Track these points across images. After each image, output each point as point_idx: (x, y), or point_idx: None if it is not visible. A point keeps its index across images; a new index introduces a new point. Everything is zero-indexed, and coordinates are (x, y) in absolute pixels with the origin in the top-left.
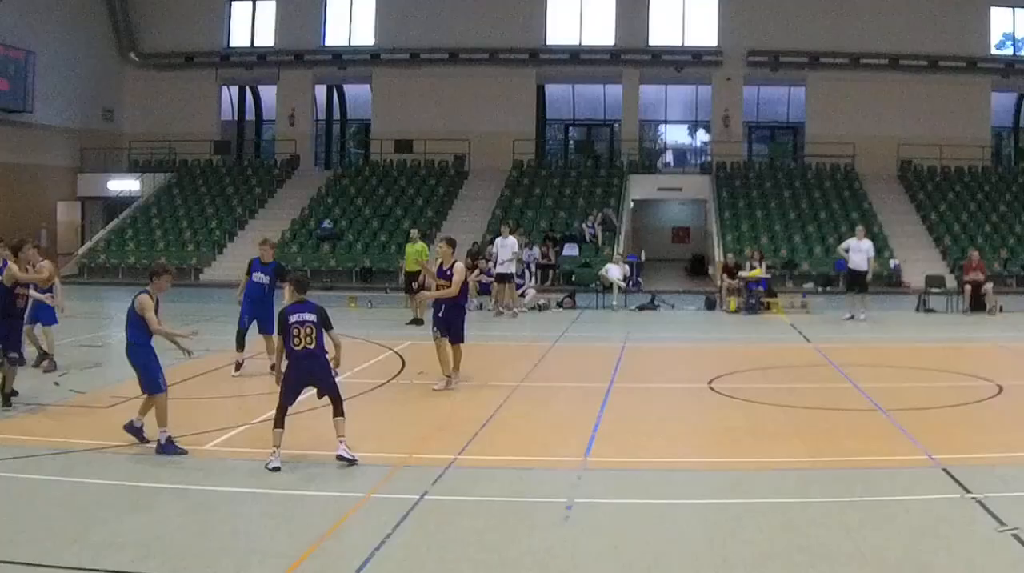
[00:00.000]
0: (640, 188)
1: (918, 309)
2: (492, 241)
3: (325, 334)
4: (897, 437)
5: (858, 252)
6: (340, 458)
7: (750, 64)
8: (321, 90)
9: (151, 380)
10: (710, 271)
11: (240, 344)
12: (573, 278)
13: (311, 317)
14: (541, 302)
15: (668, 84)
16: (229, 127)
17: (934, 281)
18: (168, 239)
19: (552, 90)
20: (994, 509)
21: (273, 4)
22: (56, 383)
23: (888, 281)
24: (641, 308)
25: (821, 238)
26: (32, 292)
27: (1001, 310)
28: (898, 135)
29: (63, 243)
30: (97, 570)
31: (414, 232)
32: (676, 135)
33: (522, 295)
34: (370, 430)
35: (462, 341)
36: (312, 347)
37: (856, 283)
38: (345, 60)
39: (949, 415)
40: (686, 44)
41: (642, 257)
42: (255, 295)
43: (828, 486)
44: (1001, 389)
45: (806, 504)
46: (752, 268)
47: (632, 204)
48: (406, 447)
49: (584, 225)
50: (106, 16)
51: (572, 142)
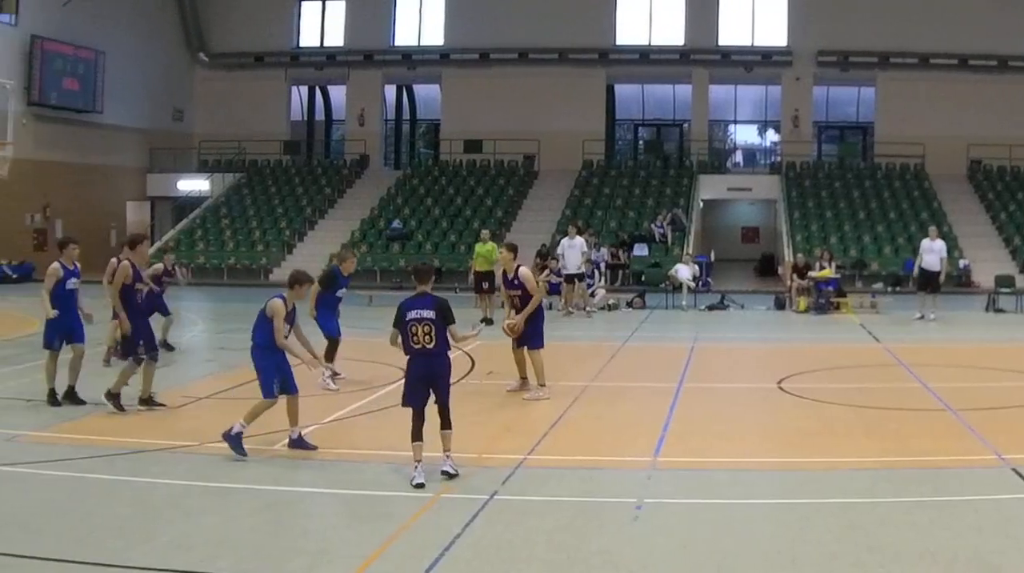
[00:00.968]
0: (709, 188)
1: (987, 309)
2: (559, 242)
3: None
4: (966, 437)
5: (931, 252)
6: (445, 473)
7: (820, 64)
8: (391, 90)
9: (263, 384)
10: (779, 271)
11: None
12: (643, 278)
13: (429, 313)
14: (611, 302)
15: (738, 84)
16: (299, 127)
17: (1004, 281)
18: (238, 239)
19: (622, 90)
20: None
21: (343, 4)
22: (127, 383)
23: (957, 281)
24: (710, 308)
25: (890, 238)
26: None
27: None
28: (967, 135)
29: None
30: (167, 570)
31: (484, 232)
32: (746, 135)
33: (592, 295)
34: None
35: (540, 347)
36: (431, 346)
37: (928, 283)
38: (415, 60)
39: (1019, 415)
40: (755, 44)
41: (711, 257)
42: (335, 305)
43: (897, 486)
44: None
45: (875, 504)
46: (822, 268)
47: (701, 204)
48: (476, 447)
49: (653, 225)
50: (176, 16)
51: (641, 142)
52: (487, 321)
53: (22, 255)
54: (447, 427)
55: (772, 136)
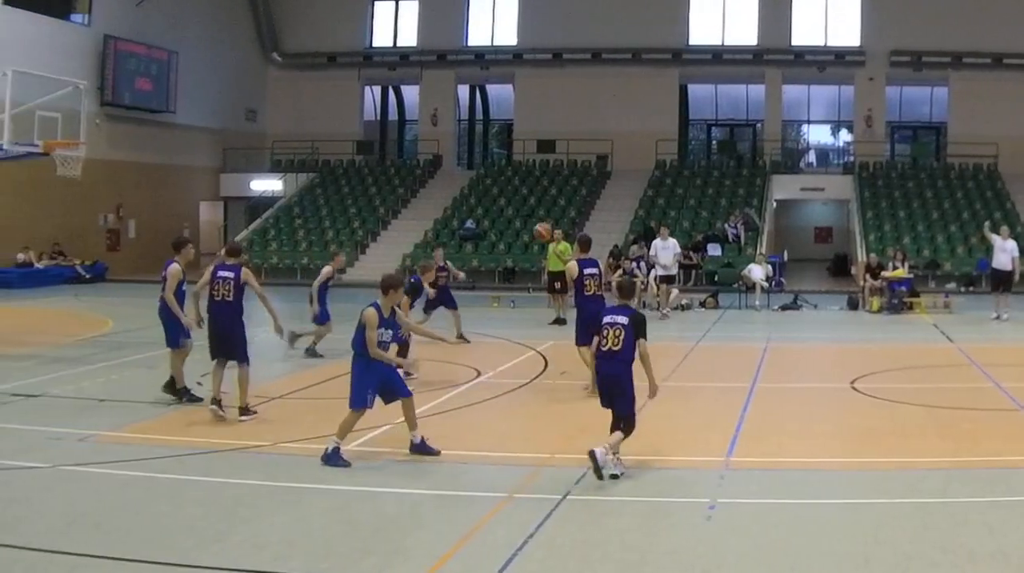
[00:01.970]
0: (783, 188)
1: None
2: (634, 241)
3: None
4: None
5: (1003, 251)
6: (612, 477)
7: (893, 64)
8: (464, 90)
9: (354, 394)
10: (853, 271)
11: None
12: (716, 278)
13: (623, 319)
14: (684, 302)
15: (811, 84)
16: (372, 127)
17: None
18: (311, 239)
19: (695, 90)
20: None
21: (416, 4)
22: (199, 383)
23: None
24: (784, 308)
25: (963, 238)
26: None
27: None
28: None
29: (205, 243)
30: (239, 570)
31: (557, 232)
32: (819, 135)
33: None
34: (513, 430)
35: (586, 344)
36: (617, 349)
37: (1001, 283)
38: (488, 60)
39: None
40: (828, 44)
41: (784, 257)
42: None
43: (970, 486)
44: None
45: (948, 504)
46: (895, 268)
47: (775, 204)
48: (549, 447)
49: (726, 225)
50: (249, 17)
51: (715, 142)
52: (560, 321)
53: (95, 255)
54: (618, 429)
55: (845, 136)
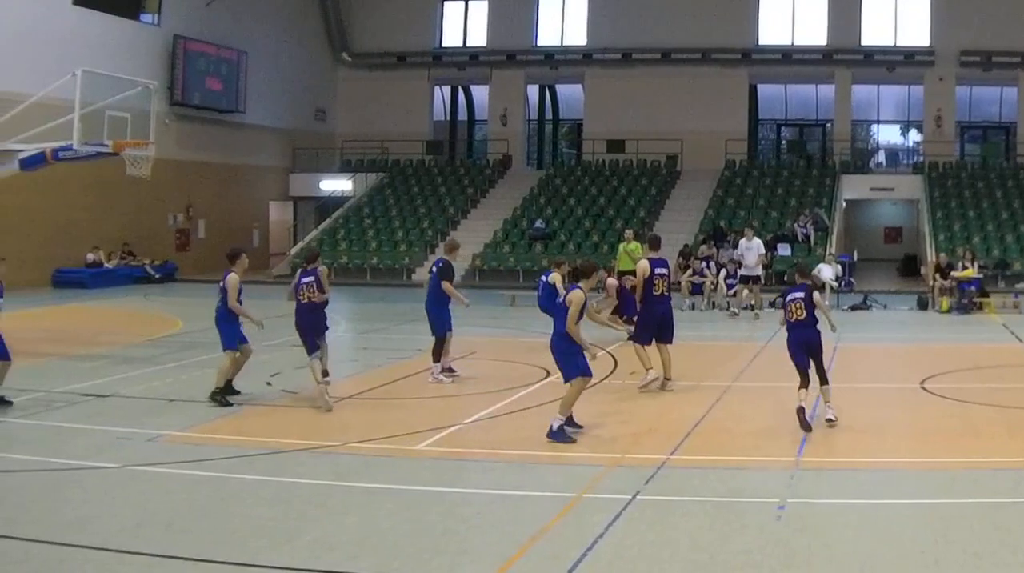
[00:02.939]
0: (852, 188)
1: None
2: (703, 241)
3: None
4: None
5: None
6: (828, 420)
7: (962, 64)
8: (533, 90)
9: (569, 370)
10: (922, 271)
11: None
12: (785, 278)
13: (800, 294)
14: (753, 302)
15: (880, 84)
16: (441, 127)
17: None
18: (380, 239)
19: (764, 90)
20: None
21: (485, 4)
22: (268, 383)
23: None
24: (853, 308)
25: None
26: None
27: None
28: None
29: (275, 243)
30: (309, 570)
31: (628, 232)
32: (888, 135)
33: (734, 295)
34: (583, 430)
35: (639, 341)
36: (803, 318)
37: None
38: (557, 60)
39: None
40: (898, 44)
41: (854, 257)
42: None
43: None
44: None
45: (1018, 504)
46: (964, 268)
47: (844, 204)
48: (619, 447)
49: (796, 225)
50: (319, 16)
51: (784, 142)
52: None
53: (164, 255)
54: (825, 382)
55: (915, 136)
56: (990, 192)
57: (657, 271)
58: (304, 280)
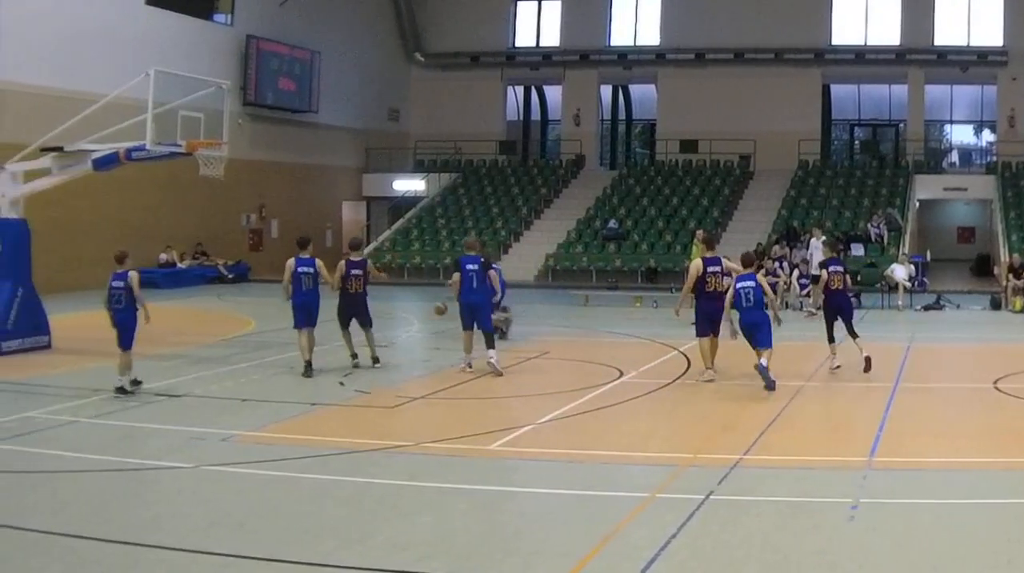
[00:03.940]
0: (925, 188)
1: None
2: (776, 241)
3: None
4: None
5: None
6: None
7: None
8: (607, 90)
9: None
10: (995, 271)
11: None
12: (858, 278)
13: (841, 267)
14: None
15: (953, 84)
16: (514, 127)
17: None
18: (453, 239)
19: (837, 90)
20: None
21: (559, 4)
22: (341, 383)
23: None
24: (926, 308)
25: None
26: None
27: None
28: None
29: (348, 243)
30: (382, 570)
31: (699, 232)
32: (961, 135)
33: (807, 294)
34: (656, 429)
35: (698, 335)
36: (841, 287)
37: None
38: (630, 60)
39: None
40: (971, 44)
41: (927, 257)
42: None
43: None
44: None
45: None
46: None
47: (917, 204)
48: (692, 447)
49: (869, 225)
50: (392, 17)
51: (857, 142)
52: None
53: (237, 255)
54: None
55: (988, 136)
56: None
57: (710, 269)
58: (353, 272)
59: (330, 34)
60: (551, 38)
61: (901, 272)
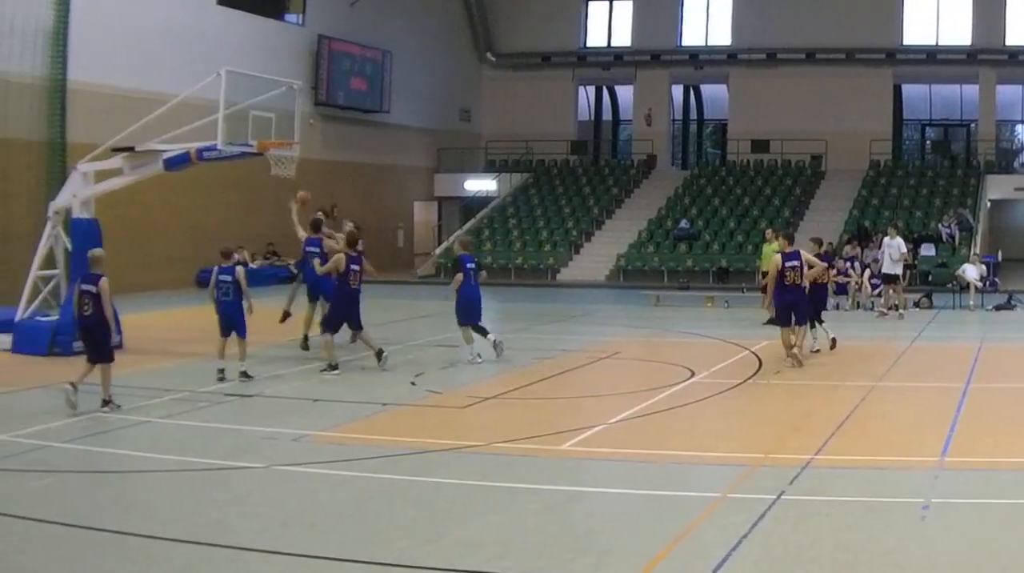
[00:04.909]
0: (997, 188)
1: None
2: (848, 241)
3: None
4: None
5: None
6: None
7: None
8: (678, 89)
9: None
10: None
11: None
12: (930, 278)
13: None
14: (897, 302)
15: None
16: (585, 127)
17: None
18: (525, 239)
19: (908, 90)
20: None
21: (630, 4)
22: (413, 383)
23: None
24: (998, 308)
25: None
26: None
27: None
28: None
29: (420, 243)
30: (453, 570)
31: (770, 231)
32: None
33: (878, 294)
34: (728, 429)
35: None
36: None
37: None
38: (702, 60)
39: None
40: None
41: (999, 257)
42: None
43: None
44: None
45: None
46: None
47: (989, 204)
48: (763, 447)
49: (940, 225)
50: (463, 17)
51: (928, 142)
52: (773, 321)
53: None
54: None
55: None
56: None
57: (788, 264)
58: (353, 267)
59: (401, 34)
60: (622, 38)
61: (972, 272)
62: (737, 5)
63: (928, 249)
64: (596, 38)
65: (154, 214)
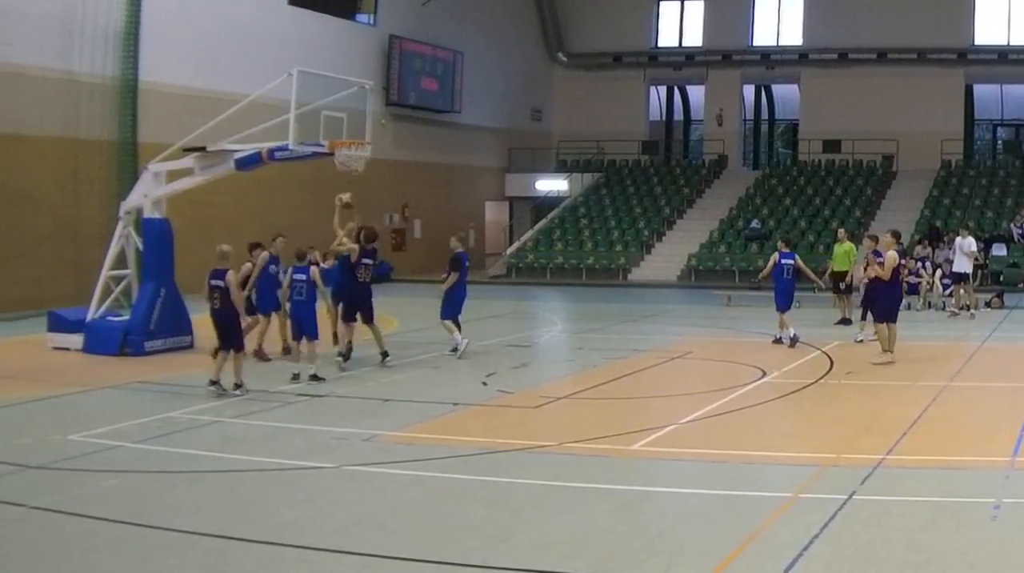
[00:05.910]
0: None
1: None
2: (919, 242)
3: None
4: None
5: None
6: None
7: None
8: (749, 90)
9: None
10: None
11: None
12: (1001, 278)
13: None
14: (968, 302)
15: None
16: (656, 127)
17: None
18: (596, 239)
19: (980, 90)
20: None
21: (701, 4)
22: (484, 383)
23: None
24: None
25: None
26: None
27: None
28: None
29: (491, 243)
30: (524, 570)
31: (842, 231)
32: None
33: (950, 294)
34: (799, 430)
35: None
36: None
37: None
38: (773, 60)
39: None
40: None
41: None
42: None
43: None
44: None
45: None
46: None
47: None
48: (834, 447)
49: (1012, 225)
50: (535, 17)
51: (1000, 142)
52: (845, 321)
53: (381, 255)
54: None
55: None
56: None
57: (900, 261)
58: (364, 261)
59: (472, 34)
60: (694, 38)
61: None
62: (808, 5)
63: (999, 249)
64: (667, 38)
65: (226, 213)
